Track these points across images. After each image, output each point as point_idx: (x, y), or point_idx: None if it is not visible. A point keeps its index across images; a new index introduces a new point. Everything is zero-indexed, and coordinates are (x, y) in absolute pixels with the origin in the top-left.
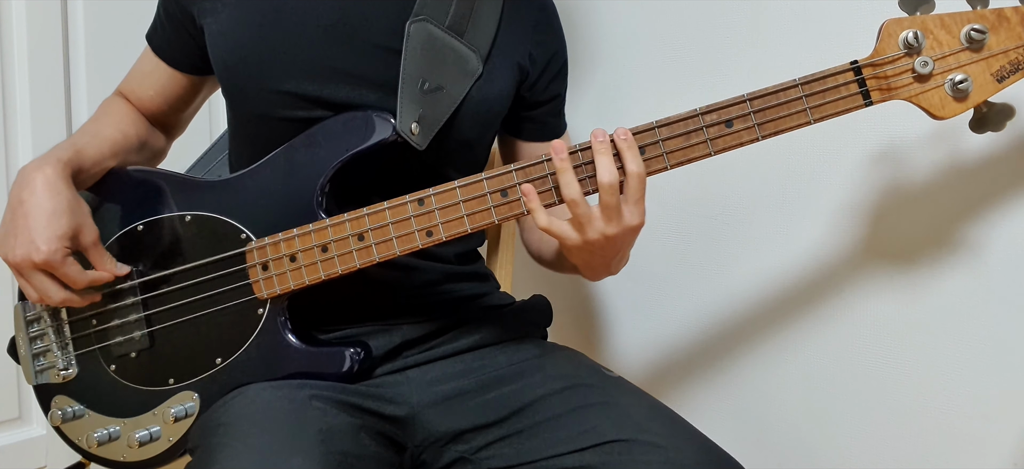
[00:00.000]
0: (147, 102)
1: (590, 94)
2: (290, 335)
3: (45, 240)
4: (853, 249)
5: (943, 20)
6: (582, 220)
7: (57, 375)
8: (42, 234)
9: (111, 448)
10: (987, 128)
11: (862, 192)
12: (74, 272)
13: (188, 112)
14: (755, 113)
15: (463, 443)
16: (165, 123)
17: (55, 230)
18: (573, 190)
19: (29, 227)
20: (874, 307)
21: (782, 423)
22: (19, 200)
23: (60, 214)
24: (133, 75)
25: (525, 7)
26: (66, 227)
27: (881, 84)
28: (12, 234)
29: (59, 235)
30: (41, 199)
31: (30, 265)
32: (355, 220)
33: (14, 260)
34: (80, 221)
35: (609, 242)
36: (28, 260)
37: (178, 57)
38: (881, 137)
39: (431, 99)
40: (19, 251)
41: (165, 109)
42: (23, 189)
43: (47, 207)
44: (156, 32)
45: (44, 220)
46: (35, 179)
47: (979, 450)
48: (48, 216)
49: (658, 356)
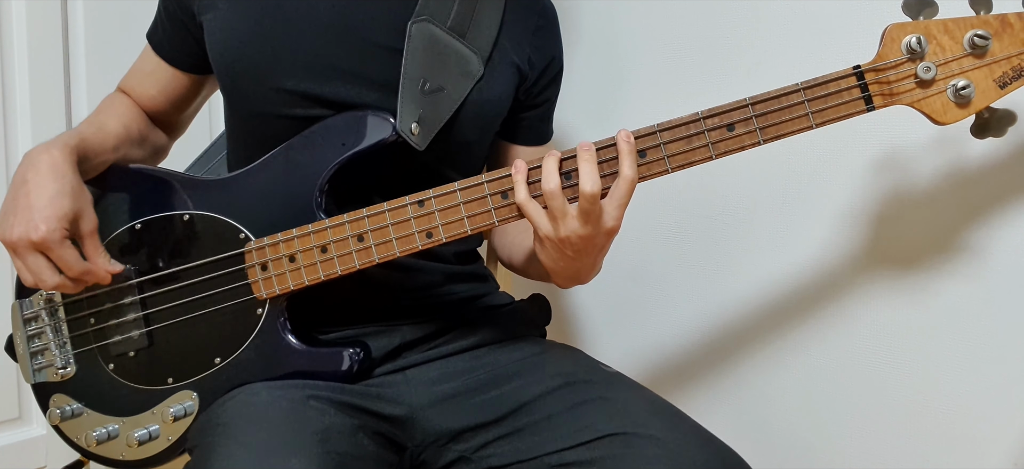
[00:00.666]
0: (148, 101)
1: (590, 94)
2: (289, 335)
3: (44, 219)
4: (853, 249)
5: (946, 25)
6: (557, 214)
7: (55, 374)
8: (42, 213)
9: (110, 446)
10: (989, 134)
11: (862, 194)
12: (70, 257)
13: (189, 111)
14: (757, 117)
15: (463, 442)
16: (166, 122)
17: (56, 210)
18: (552, 183)
19: (30, 206)
20: (874, 307)
21: (782, 423)
22: (22, 180)
23: (63, 195)
24: (134, 74)
25: (526, 11)
26: (67, 209)
27: (883, 89)
28: (12, 212)
29: (59, 216)
30: (45, 179)
31: (27, 243)
32: (355, 221)
33: (11, 238)
34: (81, 206)
35: (582, 242)
36: (25, 238)
37: (179, 56)
38: (882, 141)
39: (432, 100)
40: (17, 229)
41: (167, 108)
42: (28, 170)
43: (51, 188)
44: (156, 31)
45: (45, 199)
46: (41, 160)
47: (979, 450)
48: (50, 196)
49: (657, 356)
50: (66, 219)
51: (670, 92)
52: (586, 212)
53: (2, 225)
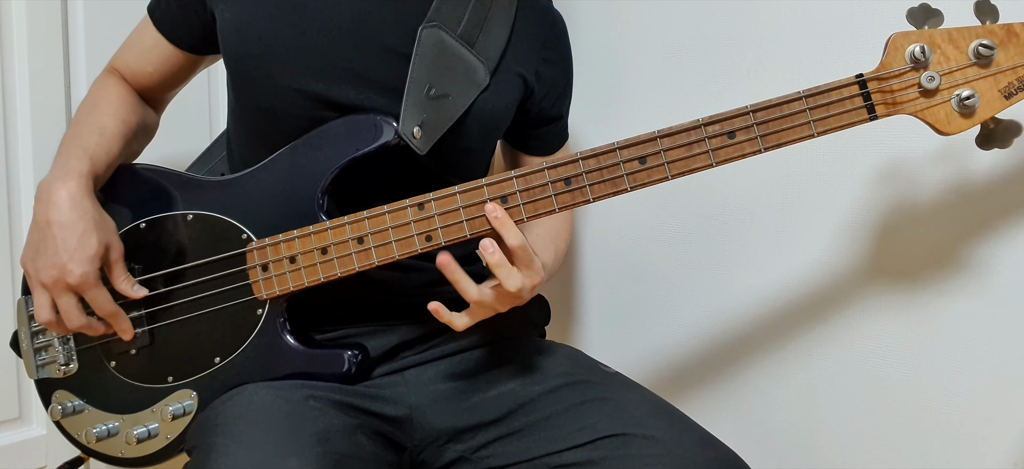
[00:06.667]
0: (143, 78)
1: (590, 94)
2: (289, 336)
3: (78, 263)
4: (854, 251)
5: (951, 35)
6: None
7: (58, 370)
8: (74, 256)
9: (110, 444)
10: (994, 145)
11: (863, 194)
12: (102, 299)
13: (178, 89)
14: (758, 125)
15: (462, 442)
16: (155, 99)
17: (86, 252)
18: (472, 293)
19: (58, 249)
20: (874, 307)
21: (782, 423)
22: (46, 220)
23: (90, 233)
24: (130, 49)
25: (536, 23)
26: (97, 246)
27: (886, 98)
28: (42, 254)
29: (90, 257)
30: (70, 218)
31: (63, 286)
32: (355, 223)
33: (46, 281)
34: (108, 238)
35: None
36: (61, 281)
37: (181, 35)
38: (884, 148)
39: (436, 105)
40: (51, 272)
41: (160, 84)
42: (49, 208)
43: (79, 227)
44: (159, 6)
45: (75, 241)
46: (59, 197)
47: (979, 450)
48: (79, 236)
49: (657, 356)
50: (98, 258)
51: (670, 92)
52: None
53: (33, 266)
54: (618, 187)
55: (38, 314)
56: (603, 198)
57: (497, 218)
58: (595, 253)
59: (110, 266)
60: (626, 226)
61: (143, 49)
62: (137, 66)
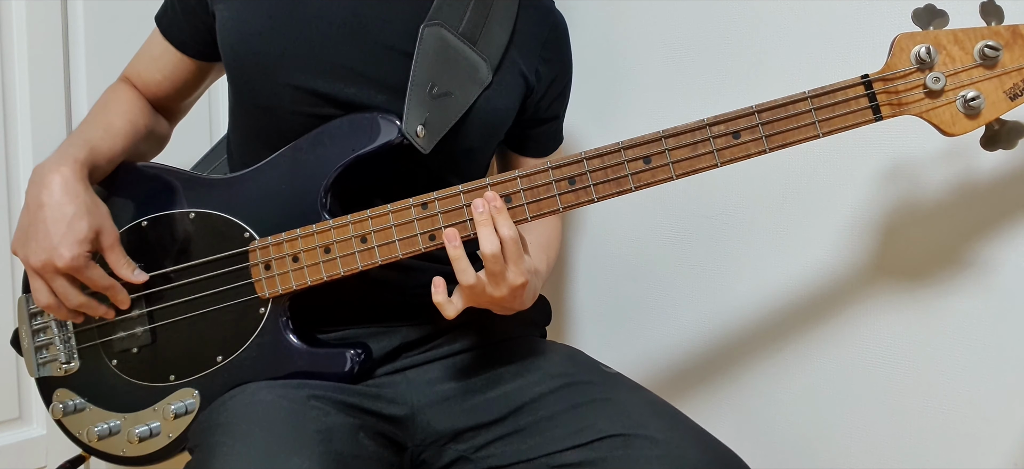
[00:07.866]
0: (153, 87)
1: (590, 94)
2: (291, 335)
3: (67, 246)
4: (855, 252)
5: (956, 35)
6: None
7: (59, 368)
8: (64, 239)
9: (111, 442)
10: (998, 146)
11: (863, 194)
12: (97, 275)
13: (191, 99)
14: (763, 125)
15: (463, 442)
16: (168, 108)
17: (76, 235)
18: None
19: (49, 232)
20: (875, 308)
21: (782, 423)
22: (38, 203)
23: (80, 217)
24: (140, 59)
25: (537, 23)
26: (87, 230)
27: (891, 99)
28: (33, 238)
29: (80, 239)
30: (60, 201)
31: (53, 269)
32: (358, 222)
33: (36, 265)
34: (100, 223)
35: (494, 303)
36: (51, 264)
37: (187, 41)
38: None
39: (439, 104)
40: (41, 256)
41: (171, 94)
42: (41, 191)
43: (68, 211)
44: (165, 15)
45: (64, 225)
46: (52, 180)
47: (979, 450)
48: (68, 220)
49: (657, 356)
50: (88, 241)
51: (670, 92)
52: (493, 273)
53: (24, 251)
54: (622, 187)
55: (36, 298)
56: (607, 198)
57: (496, 207)
58: (595, 253)
59: (104, 252)
60: (626, 226)
61: (152, 58)
62: (147, 74)
